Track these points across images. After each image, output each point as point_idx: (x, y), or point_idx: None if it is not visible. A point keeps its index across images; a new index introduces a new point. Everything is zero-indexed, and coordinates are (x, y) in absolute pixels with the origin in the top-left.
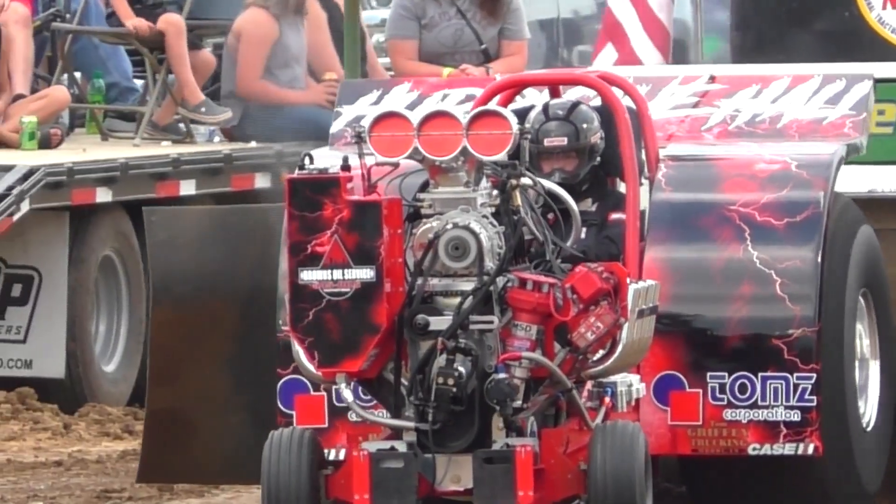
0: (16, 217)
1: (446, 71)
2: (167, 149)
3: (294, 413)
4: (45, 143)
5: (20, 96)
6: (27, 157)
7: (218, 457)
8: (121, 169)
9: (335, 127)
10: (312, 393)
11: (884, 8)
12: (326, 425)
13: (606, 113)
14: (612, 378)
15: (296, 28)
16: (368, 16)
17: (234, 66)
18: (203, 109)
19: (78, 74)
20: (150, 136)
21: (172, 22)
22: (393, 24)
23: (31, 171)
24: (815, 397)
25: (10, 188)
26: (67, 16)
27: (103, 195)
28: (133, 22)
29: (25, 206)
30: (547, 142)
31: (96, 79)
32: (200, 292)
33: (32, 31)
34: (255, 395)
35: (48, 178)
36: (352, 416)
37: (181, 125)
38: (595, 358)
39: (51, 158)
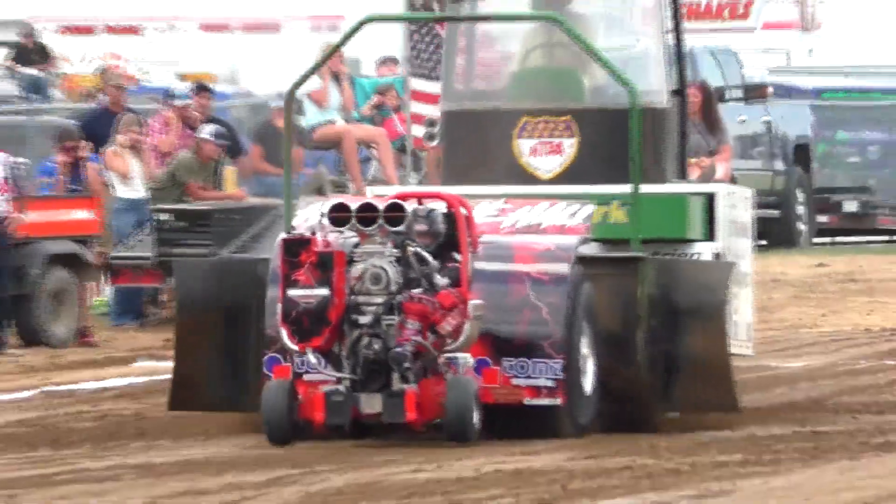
0: None
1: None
2: None
3: (272, 374)
4: None
5: None
6: None
7: (212, 397)
8: None
9: (296, 221)
10: (284, 364)
11: (529, 156)
12: (291, 380)
13: (451, 214)
14: (456, 355)
15: None
16: None
17: None
18: None
19: None
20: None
21: None
22: None
23: None
24: (562, 374)
25: None
26: None
27: None
28: None
29: None
30: (415, 226)
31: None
32: (203, 307)
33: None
34: (233, 365)
35: None
36: (306, 377)
37: None
38: (450, 342)
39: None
